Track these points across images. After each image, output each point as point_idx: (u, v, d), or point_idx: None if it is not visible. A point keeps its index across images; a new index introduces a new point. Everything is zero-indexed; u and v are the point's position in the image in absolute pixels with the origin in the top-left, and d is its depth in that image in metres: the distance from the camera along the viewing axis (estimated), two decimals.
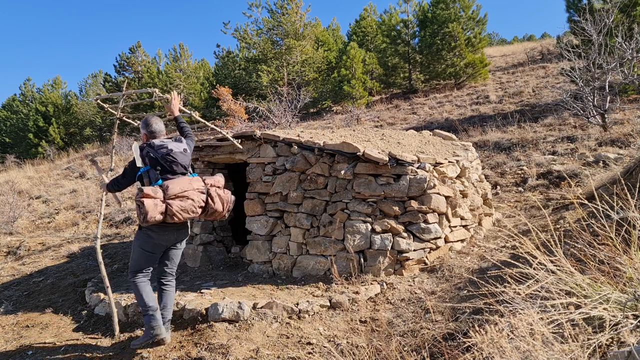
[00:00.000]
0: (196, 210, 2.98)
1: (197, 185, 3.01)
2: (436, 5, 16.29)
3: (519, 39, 39.13)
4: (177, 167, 3.02)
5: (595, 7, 9.41)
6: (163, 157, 2.98)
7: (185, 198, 2.93)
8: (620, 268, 2.12)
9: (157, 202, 2.84)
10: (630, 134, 7.08)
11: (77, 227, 8.31)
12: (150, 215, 2.80)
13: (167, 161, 2.99)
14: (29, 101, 27.85)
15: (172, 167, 3.00)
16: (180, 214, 2.90)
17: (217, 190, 3.09)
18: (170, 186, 2.91)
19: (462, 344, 2.34)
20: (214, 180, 3.14)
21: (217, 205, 3.06)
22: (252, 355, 2.87)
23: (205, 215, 3.09)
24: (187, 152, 3.12)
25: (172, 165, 3.00)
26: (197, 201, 2.97)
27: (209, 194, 3.04)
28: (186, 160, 3.08)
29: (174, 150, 3.01)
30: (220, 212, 3.10)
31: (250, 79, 18.60)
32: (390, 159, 4.02)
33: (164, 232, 3.04)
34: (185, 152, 3.09)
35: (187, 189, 2.95)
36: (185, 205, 2.91)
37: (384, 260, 3.91)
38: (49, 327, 3.73)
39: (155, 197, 2.84)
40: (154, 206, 2.82)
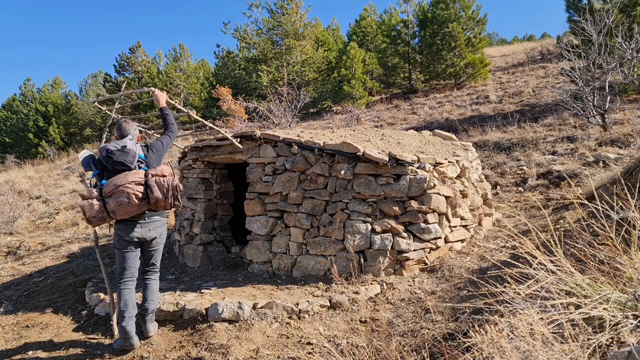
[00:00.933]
0: (134, 202, 2.99)
1: (132, 178, 3.04)
2: (436, 5, 16.29)
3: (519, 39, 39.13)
4: (117, 165, 3.08)
5: (595, 7, 9.41)
6: (104, 158, 3.08)
7: (120, 193, 2.97)
8: (620, 268, 2.12)
9: (92, 202, 2.96)
10: (630, 134, 7.08)
11: (77, 227, 8.32)
12: (88, 214, 2.95)
13: (108, 162, 3.07)
14: (29, 101, 27.86)
15: (114, 166, 3.08)
16: (118, 209, 2.97)
17: (158, 179, 3.09)
18: (105, 184, 3.02)
19: (462, 344, 2.34)
20: (157, 170, 3.16)
21: (156, 193, 3.04)
22: (252, 355, 2.87)
23: (151, 206, 3.08)
24: (127, 148, 3.11)
25: (113, 165, 3.07)
26: (132, 194, 2.98)
27: (147, 184, 3.05)
28: (125, 157, 3.09)
29: (111, 149, 3.08)
30: (163, 200, 3.07)
31: (250, 79, 18.60)
32: (390, 159, 4.02)
33: (127, 228, 3.12)
34: (123, 149, 3.10)
35: (121, 184, 2.99)
36: (120, 200, 2.97)
37: (384, 260, 3.91)
38: (49, 327, 3.73)
39: (90, 198, 2.98)
40: (89, 206, 2.95)
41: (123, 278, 3.16)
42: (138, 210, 3.05)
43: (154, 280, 3.34)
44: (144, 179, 3.06)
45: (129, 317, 3.08)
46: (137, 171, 3.10)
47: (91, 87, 30.20)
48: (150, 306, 3.25)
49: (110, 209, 2.96)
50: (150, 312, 3.24)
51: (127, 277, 3.17)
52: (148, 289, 3.29)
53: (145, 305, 3.24)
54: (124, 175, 3.04)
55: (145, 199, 3.04)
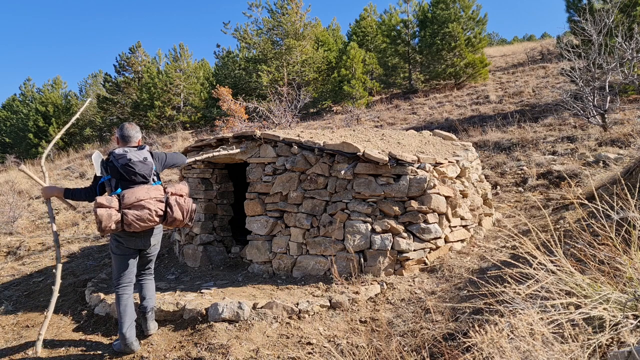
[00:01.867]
0: (153, 218, 2.98)
1: (154, 194, 3.02)
2: (436, 5, 16.29)
3: (519, 39, 39.14)
4: (136, 177, 3.03)
5: (595, 7, 9.42)
6: (122, 166, 3.01)
7: (142, 207, 2.94)
8: (620, 268, 2.12)
9: (111, 212, 2.87)
10: (630, 134, 7.08)
11: (77, 227, 8.31)
12: (105, 224, 2.85)
13: (126, 171, 3.01)
14: (29, 101, 27.88)
15: (131, 176, 3.02)
16: (137, 222, 2.92)
17: (178, 198, 3.08)
18: (127, 195, 2.94)
19: (462, 344, 2.34)
20: (176, 188, 3.14)
21: (177, 213, 3.04)
22: (252, 355, 2.87)
23: (166, 224, 3.08)
24: (148, 161, 3.10)
25: (131, 175, 3.02)
26: (153, 210, 2.97)
27: (167, 203, 3.03)
28: (146, 170, 3.08)
29: (133, 159, 3.02)
30: (180, 221, 3.08)
31: (250, 79, 18.61)
32: (390, 159, 4.02)
33: (130, 239, 3.10)
34: (145, 161, 3.08)
35: (143, 198, 2.96)
36: (141, 214, 2.93)
37: (384, 260, 3.91)
38: (49, 327, 3.72)
39: (110, 207, 2.89)
40: (107, 216, 2.86)
41: (121, 283, 3.14)
42: (153, 225, 3.04)
43: (150, 280, 3.36)
44: (164, 196, 3.05)
45: (129, 323, 3.07)
46: (157, 186, 3.08)
47: (91, 87, 30.23)
48: (149, 304, 3.27)
49: (128, 221, 2.90)
50: (149, 310, 3.26)
51: (126, 282, 3.16)
52: (145, 289, 3.31)
53: (144, 304, 3.26)
54: (145, 189, 3.00)
55: (163, 217, 3.03)
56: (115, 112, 22.29)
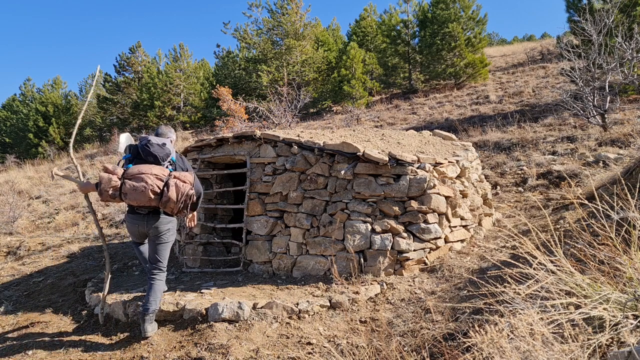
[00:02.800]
0: (147, 193, 3.10)
1: (156, 172, 3.18)
2: (436, 5, 16.30)
3: (519, 39, 39.16)
4: (150, 157, 3.26)
5: (595, 7, 9.42)
6: (142, 146, 3.28)
7: (140, 179, 3.12)
8: (620, 268, 2.12)
9: (112, 177, 3.13)
10: (630, 134, 7.08)
11: (77, 227, 8.31)
12: (103, 186, 3.11)
13: (144, 150, 3.26)
14: (29, 101, 27.87)
15: (147, 156, 3.26)
16: (132, 193, 3.10)
17: (178, 182, 3.20)
18: (131, 168, 3.20)
19: (462, 344, 2.34)
20: (181, 174, 3.27)
21: (171, 193, 3.14)
22: (252, 355, 2.87)
23: (161, 204, 3.17)
24: (165, 147, 3.32)
25: (146, 154, 3.26)
26: (150, 184, 3.11)
27: (166, 183, 3.17)
28: (160, 153, 3.28)
29: (152, 141, 3.28)
30: (174, 202, 3.16)
31: (250, 79, 18.61)
32: (390, 159, 4.02)
33: (133, 220, 3.33)
34: (162, 146, 3.30)
35: (144, 172, 3.15)
36: (137, 186, 3.10)
37: (384, 260, 3.91)
38: (49, 327, 3.72)
39: (113, 173, 3.15)
40: (107, 179, 3.12)
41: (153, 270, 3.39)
42: (148, 202, 3.15)
43: (159, 281, 3.37)
44: (166, 177, 3.19)
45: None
46: (163, 167, 3.26)
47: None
48: (151, 306, 3.25)
49: (125, 190, 3.10)
50: (150, 312, 3.24)
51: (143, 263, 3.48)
52: (152, 289, 3.32)
53: (147, 305, 3.25)
54: (150, 166, 3.21)
55: (159, 196, 3.14)
56: (115, 112, 22.28)
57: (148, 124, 19.78)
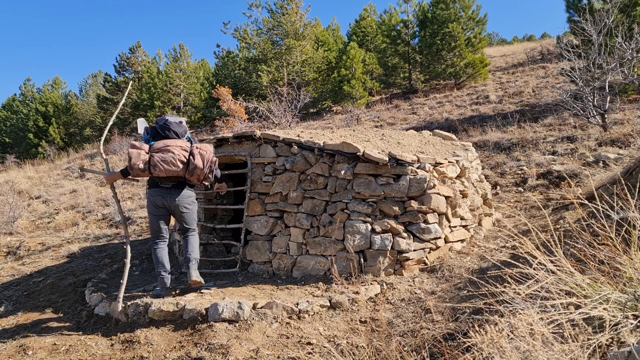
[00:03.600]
0: (176, 162, 3.46)
1: (180, 144, 3.56)
2: (436, 5, 16.29)
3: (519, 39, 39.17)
4: (170, 133, 3.62)
5: (595, 7, 9.42)
6: (161, 126, 3.64)
7: (167, 151, 3.45)
8: (620, 268, 2.12)
9: (140, 152, 3.42)
10: (630, 134, 7.08)
11: (77, 227, 8.31)
12: (134, 161, 3.38)
13: (162, 128, 3.62)
14: (29, 101, 27.86)
15: (166, 132, 3.61)
16: (161, 164, 3.41)
17: (200, 150, 3.58)
18: (156, 143, 3.52)
19: (462, 344, 2.34)
20: (201, 145, 3.68)
21: (197, 161, 3.51)
22: (252, 355, 2.87)
23: (188, 172, 3.53)
24: (182, 125, 3.72)
25: (165, 132, 3.61)
26: (177, 154, 3.46)
27: (191, 152, 3.54)
28: (179, 130, 3.67)
29: (170, 120, 3.67)
30: (200, 169, 3.54)
31: (250, 79, 18.60)
32: (390, 159, 4.02)
33: (157, 193, 3.60)
34: (180, 124, 3.70)
35: (169, 145, 3.50)
36: (165, 157, 3.43)
37: (384, 260, 3.91)
38: (49, 327, 3.72)
39: (140, 149, 3.45)
40: (137, 154, 3.40)
41: (155, 239, 3.72)
42: (176, 172, 3.49)
43: (193, 236, 3.85)
44: (189, 148, 3.57)
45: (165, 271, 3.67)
46: (183, 140, 3.65)
47: (91, 87, 30.21)
48: (192, 254, 3.75)
49: (154, 162, 3.39)
50: (192, 259, 3.73)
51: (159, 239, 3.71)
52: (189, 243, 3.80)
53: (188, 255, 3.75)
54: (174, 140, 3.56)
55: (186, 165, 3.50)
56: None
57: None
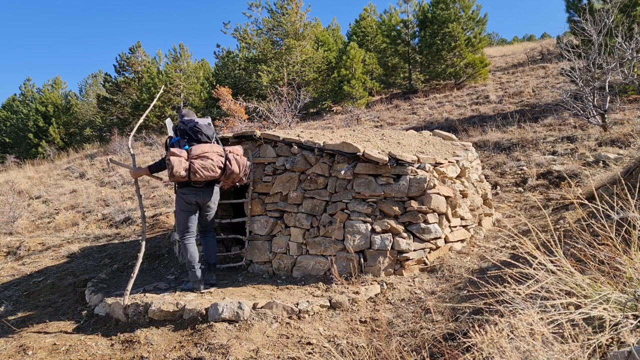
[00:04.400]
0: (215, 169, 3.62)
1: (217, 149, 3.70)
2: (436, 6, 16.29)
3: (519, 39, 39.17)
4: (202, 136, 3.72)
5: (595, 7, 9.42)
6: (190, 128, 3.71)
7: (206, 158, 3.58)
8: (620, 268, 2.12)
9: (181, 160, 3.51)
10: (630, 134, 7.08)
11: (77, 227, 8.31)
12: (176, 169, 3.46)
13: (193, 131, 3.70)
14: (29, 101, 27.85)
15: (197, 136, 3.71)
16: (202, 171, 3.54)
17: (235, 155, 3.77)
18: (193, 149, 3.61)
19: (462, 344, 2.34)
20: (233, 148, 3.86)
21: (234, 167, 3.70)
22: (252, 355, 2.87)
23: (225, 177, 3.72)
24: (211, 126, 3.84)
25: (197, 135, 3.70)
26: (216, 161, 3.61)
27: (227, 157, 3.71)
28: (210, 132, 3.79)
29: (199, 122, 3.76)
30: (237, 174, 3.73)
31: (250, 79, 18.60)
32: (390, 159, 4.02)
33: (191, 193, 3.75)
34: (209, 126, 3.81)
35: (207, 151, 3.62)
36: (205, 164, 3.56)
37: (384, 260, 3.91)
38: (49, 327, 3.72)
39: (180, 156, 3.53)
40: (178, 162, 3.49)
41: (185, 235, 3.86)
42: (213, 177, 3.65)
43: (210, 238, 4.05)
44: (224, 153, 3.73)
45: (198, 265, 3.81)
46: (218, 145, 3.78)
47: (91, 87, 30.22)
48: (211, 259, 3.97)
49: (194, 169, 3.51)
50: (211, 264, 3.95)
51: (189, 234, 3.86)
52: (207, 244, 4.01)
53: (207, 259, 3.97)
54: (209, 145, 3.68)
55: (223, 170, 3.68)
56: (115, 112, 22.27)
57: (148, 124, 19.77)
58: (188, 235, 3.86)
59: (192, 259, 3.81)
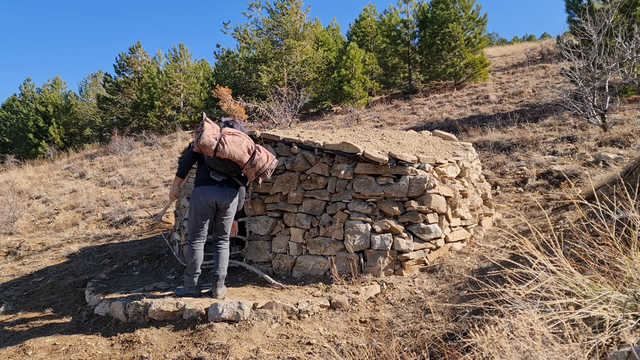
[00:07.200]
0: (243, 148, 3.57)
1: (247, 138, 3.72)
2: (436, 6, 16.29)
3: (519, 39, 39.19)
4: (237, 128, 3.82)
5: (595, 7, 9.42)
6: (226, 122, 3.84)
7: (238, 135, 3.61)
8: (620, 268, 2.12)
9: (214, 127, 3.56)
10: (630, 134, 7.08)
11: (77, 227, 8.31)
12: (206, 133, 3.44)
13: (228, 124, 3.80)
14: (29, 101, 27.87)
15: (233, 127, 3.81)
16: (231, 144, 3.50)
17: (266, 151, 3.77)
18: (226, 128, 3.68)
19: (462, 344, 2.34)
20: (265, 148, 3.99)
21: (263, 155, 3.66)
22: (252, 355, 2.87)
23: (250, 164, 3.62)
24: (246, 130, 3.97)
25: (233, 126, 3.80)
26: (246, 142, 3.61)
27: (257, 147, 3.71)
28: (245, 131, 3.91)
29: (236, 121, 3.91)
30: (262, 162, 3.65)
31: (250, 79, 18.60)
32: (390, 159, 4.02)
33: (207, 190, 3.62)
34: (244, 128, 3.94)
35: (239, 133, 3.66)
36: (235, 140, 3.55)
37: (383, 260, 3.91)
38: (49, 327, 3.72)
39: (213, 126, 3.58)
40: (210, 128, 3.50)
41: (194, 239, 3.71)
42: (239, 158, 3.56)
43: (225, 249, 3.81)
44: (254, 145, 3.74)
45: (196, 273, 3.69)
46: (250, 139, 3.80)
47: (91, 87, 30.22)
48: (220, 273, 3.69)
49: (224, 140, 3.49)
50: (220, 278, 3.68)
51: (198, 239, 3.71)
52: (219, 257, 3.74)
53: (217, 272, 3.68)
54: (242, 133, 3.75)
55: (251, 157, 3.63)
56: (115, 112, 22.28)
57: (148, 124, 19.78)
58: (198, 240, 3.71)
59: (194, 266, 3.68)
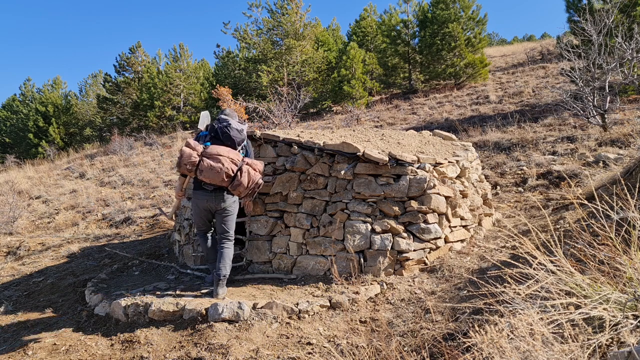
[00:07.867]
0: (222, 175, 3.46)
1: (232, 156, 3.54)
2: (436, 6, 16.29)
3: (519, 39, 39.20)
4: (227, 139, 3.63)
5: (595, 7, 9.42)
6: (221, 128, 3.64)
7: (217, 160, 3.47)
8: (620, 268, 2.12)
9: (192, 153, 3.45)
10: (630, 134, 7.08)
11: (77, 227, 8.31)
12: (184, 159, 3.42)
13: (222, 132, 3.63)
14: (29, 101, 27.88)
15: (225, 139, 3.63)
16: (208, 171, 3.43)
17: (250, 169, 3.59)
18: (210, 147, 3.53)
19: (462, 344, 2.34)
20: (252, 161, 3.67)
21: (243, 179, 3.53)
22: (252, 355, 2.87)
23: (232, 187, 3.56)
24: (243, 133, 3.72)
25: (224, 136, 3.63)
26: (225, 167, 3.46)
27: (240, 169, 3.54)
28: (238, 137, 3.68)
29: (232, 125, 3.66)
30: (244, 188, 3.56)
31: (250, 79, 18.60)
32: (390, 159, 4.02)
33: (201, 195, 3.66)
34: (240, 132, 3.70)
35: (221, 154, 3.50)
36: (214, 166, 3.44)
37: (383, 260, 3.91)
38: (49, 327, 3.72)
39: (194, 149, 3.47)
40: (189, 154, 3.44)
41: (198, 232, 3.93)
42: (220, 183, 3.51)
43: (227, 249, 3.79)
44: (240, 162, 3.58)
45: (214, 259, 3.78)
46: (237, 152, 3.65)
47: (91, 87, 30.22)
48: (222, 272, 3.67)
49: (202, 167, 3.43)
50: (222, 277, 3.66)
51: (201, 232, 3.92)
52: (222, 256, 3.73)
53: (219, 271, 3.67)
54: (227, 149, 3.57)
55: (231, 179, 3.52)
56: (115, 112, 22.28)
57: (148, 124, 19.77)
58: (200, 233, 3.95)
59: (209, 252, 3.92)
